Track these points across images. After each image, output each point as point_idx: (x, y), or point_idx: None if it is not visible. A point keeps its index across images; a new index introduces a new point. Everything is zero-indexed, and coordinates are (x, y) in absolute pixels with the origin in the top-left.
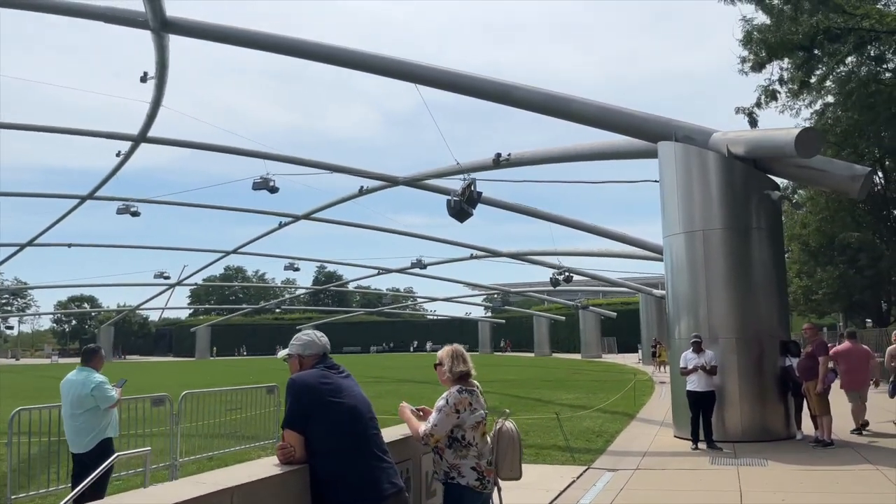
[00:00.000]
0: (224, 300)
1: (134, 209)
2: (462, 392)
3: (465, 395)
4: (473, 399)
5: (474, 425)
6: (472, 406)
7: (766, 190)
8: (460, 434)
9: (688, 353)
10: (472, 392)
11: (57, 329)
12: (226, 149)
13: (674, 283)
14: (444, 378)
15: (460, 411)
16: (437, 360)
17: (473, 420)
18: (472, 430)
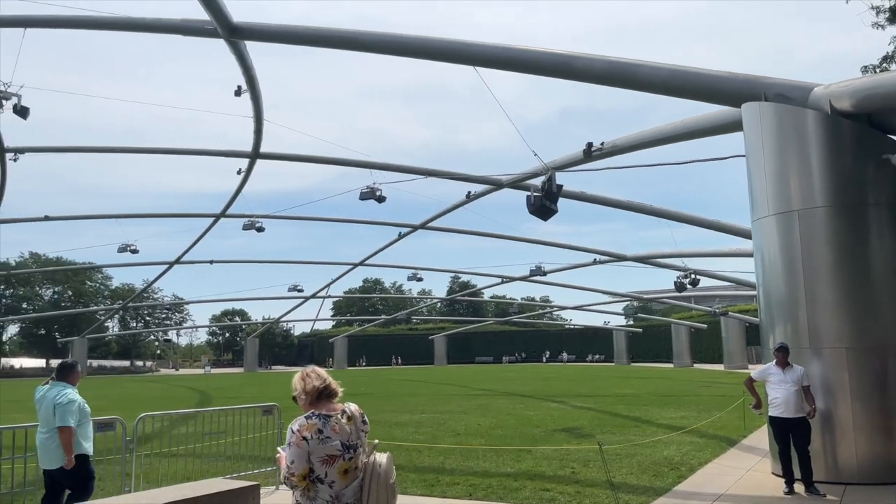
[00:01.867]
0: (363, 311)
1: (259, 225)
2: (311, 417)
3: (313, 420)
4: (327, 425)
5: (326, 458)
6: (321, 433)
7: (886, 154)
8: (308, 467)
9: (770, 366)
10: (328, 417)
11: (212, 341)
12: (333, 160)
13: (765, 279)
14: (303, 404)
15: (307, 439)
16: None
17: (324, 452)
18: (324, 463)
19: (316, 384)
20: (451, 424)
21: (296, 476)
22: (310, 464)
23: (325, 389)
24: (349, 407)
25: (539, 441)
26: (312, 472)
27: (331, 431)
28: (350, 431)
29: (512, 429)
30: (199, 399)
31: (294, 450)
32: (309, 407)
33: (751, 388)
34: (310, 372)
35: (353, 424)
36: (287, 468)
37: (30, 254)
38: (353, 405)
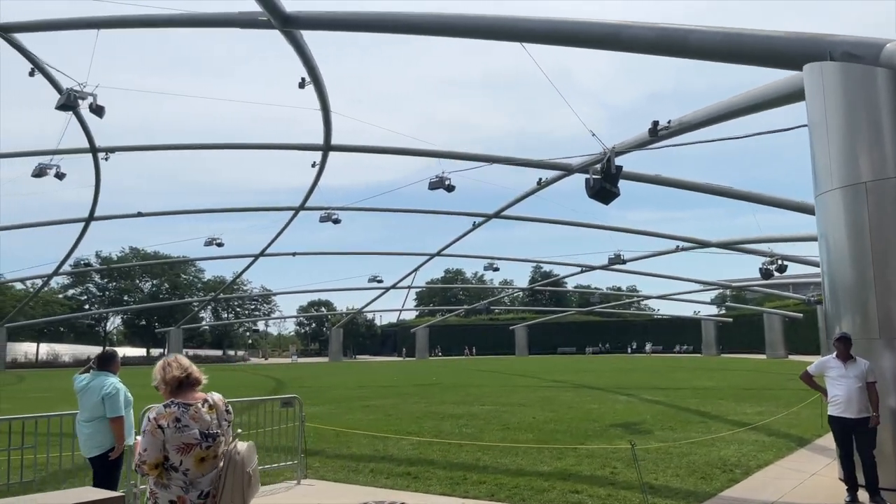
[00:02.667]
0: (445, 302)
1: (335, 217)
2: (170, 406)
3: (171, 409)
4: (186, 414)
5: (182, 446)
6: (179, 422)
7: None
8: (163, 455)
9: (829, 359)
10: (187, 406)
11: (300, 331)
12: (401, 150)
13: (830, 261)
14: (163, 393)
15: (163, 427)
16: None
17: (181, 440)
18: (180, 452)
19: (176, 374)
20: (506, 418)
21: (147, 464)
22: (164, 452)
23: (187, 379)
24: (212, 396)
25: (591, 437)
26: (167, 461)
27: (189, 420)
28: (210, 420)
29: (567, 423)
30: (273, 387)
31: (148, 438)
32: (169, 396)
33: (811, 382)
34: (171, 361)
35: (215, 413)
36: (139, 455)
37: (130, 248)
38: (217, 395)
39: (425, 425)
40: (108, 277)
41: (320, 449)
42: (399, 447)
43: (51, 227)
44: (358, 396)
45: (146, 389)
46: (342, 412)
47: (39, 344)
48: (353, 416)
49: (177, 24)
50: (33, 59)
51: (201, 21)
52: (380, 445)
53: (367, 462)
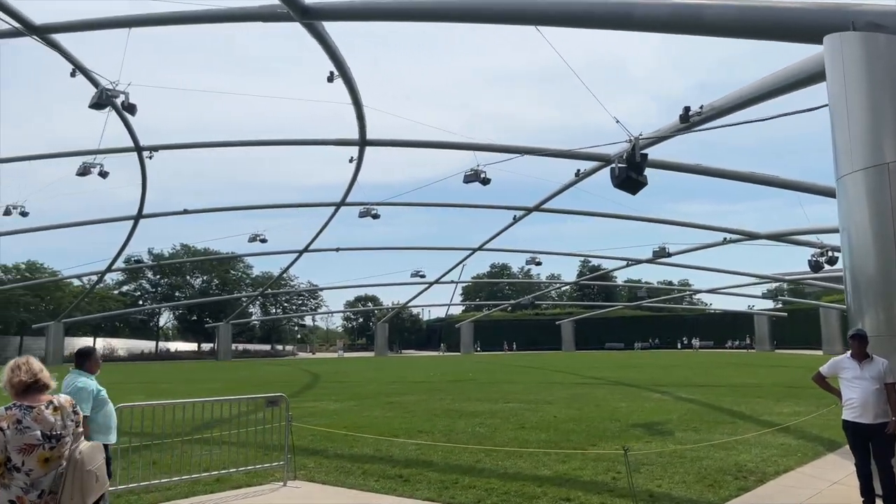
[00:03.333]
0: (492, 297)
1: (374, 212)
2: (11, 408)
3: (13, 411)
4: (28, 416)
5: (24, 447)
6: (20, 424)
7: None
8: (5, 456)
9: (843, 358)
10: (30, 408)
11: (347, 326)
12: (436, 144)
13: (852, 251)
14: (9, 394)
15: (3, 429)
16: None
17: (22, 441)
18: (22, 452)
19: (23, 378)
20: (525, 416)
21: None
22: (6, 453)
23: (35, 384)
24: (58, 398)
25: (607, 438)
26: (9, 462)
27: (31, 422)
28: (54, 422)
29: (587, 423)
30: (307, 382)
31: None
32: (14, 398)
33: (824, 384)
34: (21, 364)
35: (60, 415)
36: None
37: (181, 245)
38: (64, 396)
39: (439, 424)
40: (160, 274)
41: (322, 448)
42: (403, 447)
43: (103, 224)
44: (386, 392)
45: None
46: (362, 409)
47: (96, 339)
48: (371, 413)
49: (200, 20)
50: (72, 59)
51: (223, 16)
52: (384, 445)
53: (363, 463)
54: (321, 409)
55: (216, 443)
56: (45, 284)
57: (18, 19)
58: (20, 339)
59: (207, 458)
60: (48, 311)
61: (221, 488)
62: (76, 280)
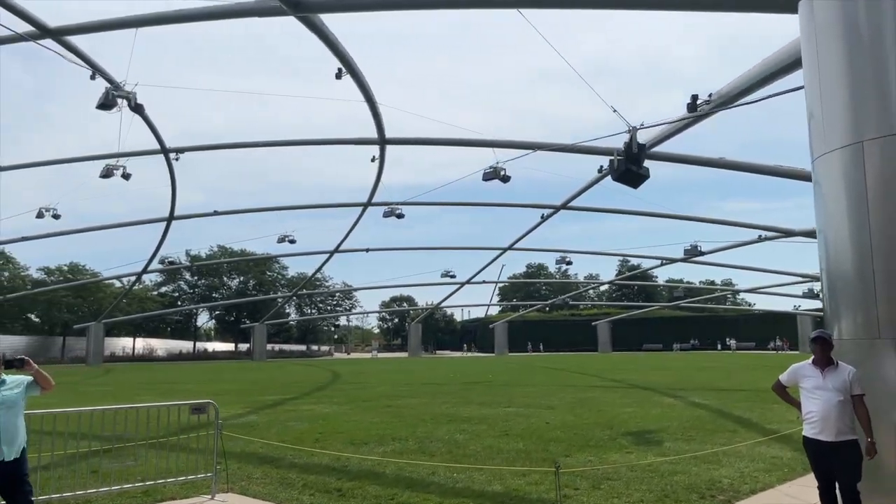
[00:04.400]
0: (528, 297)
1: (398, 212)
2: None
3: None
4: None
5: None
6: None
7: None
8: None
9: (804, 364)
10: None
11: (383, 326)
12: (454, 141)
13: (827, 243)
14: None
15: None
16: None
17: None
18: None
19: None
20: (515, 422)
21: None
22: None
23: None
24: None
25: (590, 447)
26: None
27: None
28: None
29: (577, 430)
30: (325, 381)
31: None
32: None
33: (784, 395)
34: None
35: None
36: None
37: (218, 247)
38: None
39: (420, 430)
40: (197, 275)
41: (280, 456)
42: (363, 457)
43: (143, 225)
44: (391, 395)
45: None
46: (354, 413)
47: (136, 339)
48: (361, 417)
49: (195, 18)
50: (89, 60)
51: (218, 14)
52: (347, 454)
53: (310, 474)
54: (313, 412)
55: (146, 450)
56: (87, 285)
57: (32, 22)
58: (63, 339)
59: (134, 468)
60: (90, 311)
61: (147, 501)
62: (116, 281)
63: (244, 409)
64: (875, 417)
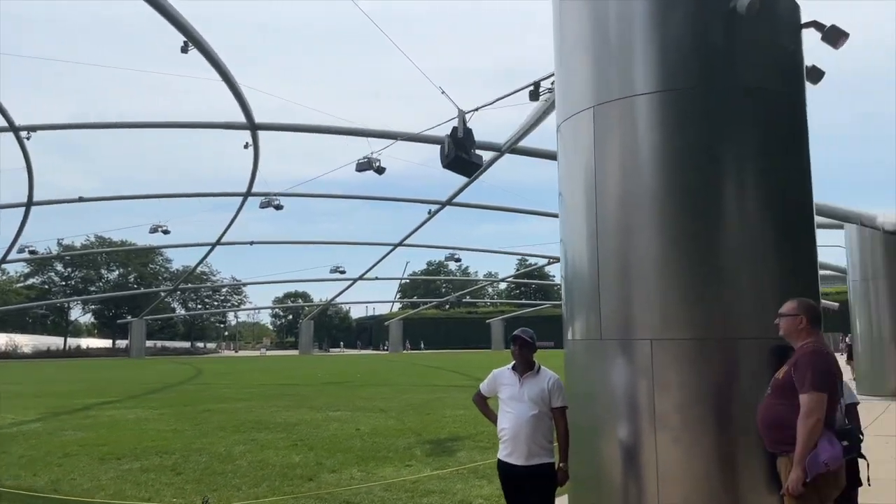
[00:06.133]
0: (428, 294)
1: (277, 203)
2: None
3: None
4: None
5: None
6: None
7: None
8: None
9: (504, 370)
10: None
11: (276, 323)
12: (325, 129)
13: (564, 224)
14: None
15: None
16: None
17: None
18: None
19: None
20: (325, 429)
21: None
22: None
23: None
24: None
25: (376, 458)
26: None
27: None
28: None
29: (384, 437)
30: (177, 381)
31: None
32: None
33: (484, 408)
34: None
35: None
36: None
37: (95, 237)
38: None
39: (200, 442)
40: (71, 266)
41: None
42: (82, 477)
43: None
44: (225, 397)
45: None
46: (156, 419)
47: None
48: (156, 425)
49: None
50: None
51: None
52: (75, 475)
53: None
54: (112, 418)
55: None
56: None
57: None
58: None
59: None
60: None
61: None
62: None
63: (36, 415)
64: (599, 429)
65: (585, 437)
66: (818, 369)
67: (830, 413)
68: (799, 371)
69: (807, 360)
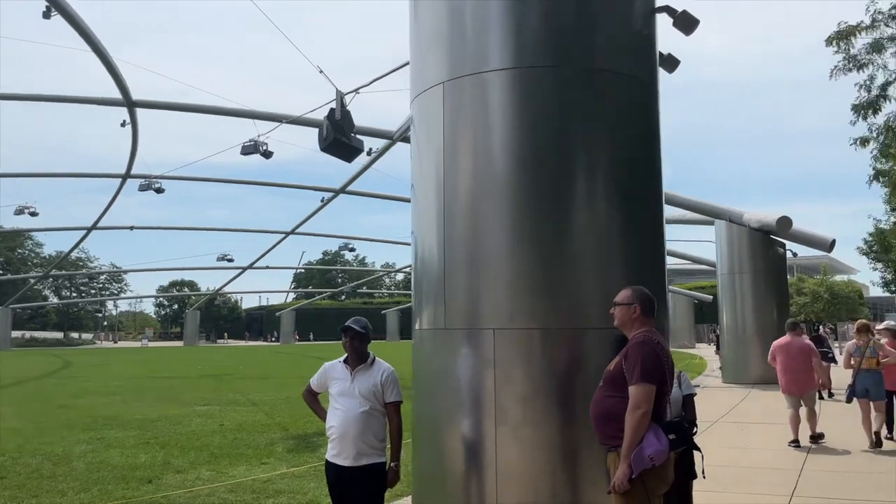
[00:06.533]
0: (325, 284)
1: (157, 185)
2: None
3: None
4: None
5: None
6: None
7: None
8: None
9: (336, 363)
10: None
11: (160, 313)
12: (211, 109)
13: (416, 207)
14: None
15: None
16: None
17: None
18: None
19: None
20: (186, 424)
21: None
22: None
23: None
24: None
25: (232, 455)
26: None
27: None
28: None
29: (247, 432)
30: (28, 375)
31: None
32: None
33: (314, 405)
34: None
35: None
36: None
37: None
38: None
39: (47, 439)
40: None
41: None
42: None
43: None
44: (94, 392)
45: None
46: None
47: None
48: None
49: None
50: None
51: None
52: None
53: None
54: None
55: None
56: None
57: None
58: None
59: None
60: None
61: None
62: None
63: None
64: (443, 423)
65: (430, 432)
66: (647, 360)
67: (659, 406)
68: (629, 362)
69: (636, 350)
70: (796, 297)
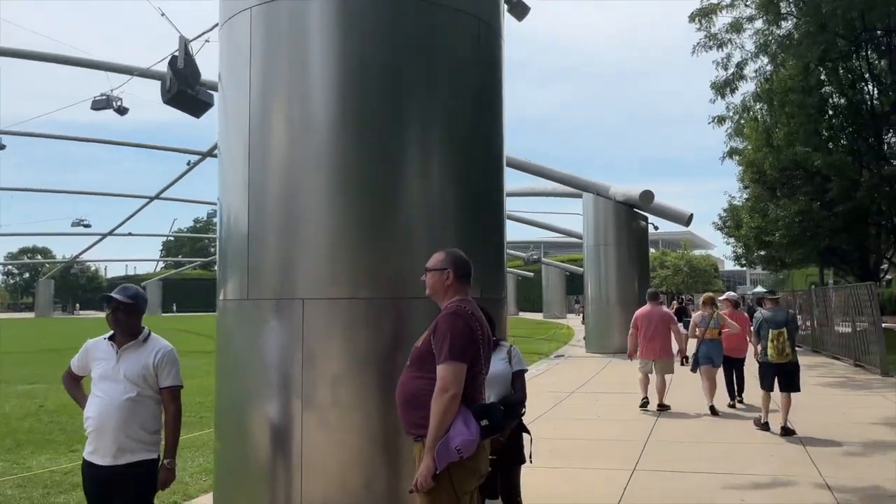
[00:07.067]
0: (195, 253)
1: None
2: None
3: None
4: None
5: None
6: None
7: None
8: None
9: (99, 341)
10: None
11: (9, 282)
12: (64, 59)
13: (222, 163)
14: None
15: None
16: None
17: None
18: None
19: None
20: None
21: None
22: None
23: None
24: None
25: (45, 441)
26: None
27: None
28: None
29: (67, 415)
30: None
31: None
32: None
33: (76, 391)
34: None
35: None
36: None
37: None
38: None
39: None
40: None
41: None
42: None
43: None
44: None
45: None
46: None
47: None
48: None
49: None
50: None
51: None
52: None
53: None
54: None
55: None
56: None
57: None
58: None
59: None
60: None
61: None
62: None
63: None
64: (246, 406)
65: (233, 418)
66: (457, 335)
67: (472, 387)
68: (437, 337)
69: (445, 323)
70: (659, 270)
